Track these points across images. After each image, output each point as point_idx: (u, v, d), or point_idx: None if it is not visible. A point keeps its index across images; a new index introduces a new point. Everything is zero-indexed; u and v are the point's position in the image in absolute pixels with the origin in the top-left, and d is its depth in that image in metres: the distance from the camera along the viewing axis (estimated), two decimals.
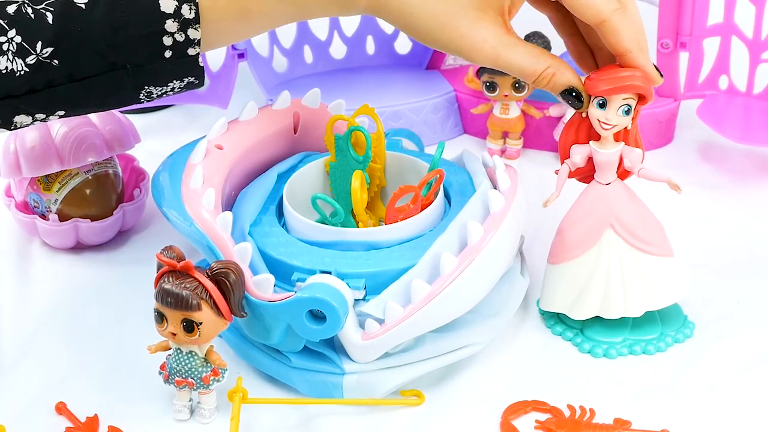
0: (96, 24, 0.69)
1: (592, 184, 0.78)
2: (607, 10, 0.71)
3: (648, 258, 0.78)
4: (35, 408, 0.75)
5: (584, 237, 0.78)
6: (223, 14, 0.71)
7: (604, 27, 0.72)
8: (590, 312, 0.79)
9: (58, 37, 0.69)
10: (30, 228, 0.91)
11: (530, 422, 0.73)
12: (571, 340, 0.80)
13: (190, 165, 0.79)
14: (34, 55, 0.69)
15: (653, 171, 0.77)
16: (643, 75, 0.73)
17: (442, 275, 0.73)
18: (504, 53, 0.72)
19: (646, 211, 0.78)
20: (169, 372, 0.73)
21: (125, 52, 0.70)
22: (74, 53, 0.69)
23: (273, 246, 0.77)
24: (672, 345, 0.79)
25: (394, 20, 0.72)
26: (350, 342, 0.73)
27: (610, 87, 0.73)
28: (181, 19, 0.70)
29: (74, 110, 0.73)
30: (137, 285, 0.85)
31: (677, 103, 1.03)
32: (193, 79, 0.73)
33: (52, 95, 0.71)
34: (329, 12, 0.73)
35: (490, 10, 0.72)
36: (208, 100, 1.04)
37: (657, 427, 0.72)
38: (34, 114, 0.71)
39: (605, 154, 0.76)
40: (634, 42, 0.72)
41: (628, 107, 0.74)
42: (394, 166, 0.85)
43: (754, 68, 1.01)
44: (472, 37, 0.72)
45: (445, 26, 0.71)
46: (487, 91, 0.99)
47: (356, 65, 1.11)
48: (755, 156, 1.01)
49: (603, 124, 0.75)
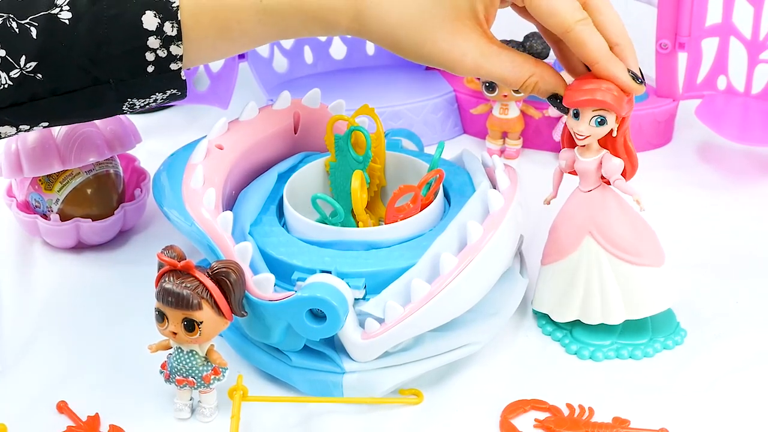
0: (79, 40, 0.70)
1: (575, 190, 0.78)
2: (569, 21, 0.71)
3: (630, 267, 0.77)
4: (37, 407, 0.76)
5: (566, 241, 0.78)
6: (205, 32, 0.72)
7: (568, 37, 0.72)
8: (571, 315, 0.79)
9: (42, 51, 0.70)
10: (31, 228, 0.91)
11: (529, 421, 0.73)
12: (560, 340, 0.80)
13: (191, 165, 0.79)
14: (18, 69, 0.70)
15: (626, 184, 0.76)
16: (610, 87, 0.72)
17: (442, 275, 0.73)
18: (485, 64, 0.73)
19: (635, 219, 0.78)
20: (170, 371, 0.74)
21: (108, 68, 0.71)
22: (58, 68, 0.70)
23: (273, 245, 0.77)
24: (660, 351, 0.79)
25: (376, 40, 0.73)
26: (350, 341, 0.73)
27: (578, 99, 0.73)
28: (163, 36, 0.71)
29: (58, 122, 0.74)
30: (138, 284, 0.85)
31: (676, 104, 1.03)
32: (175, 91, 0.74)
33: (36, 108, 0.71)
34: (312, 33, 0.74)
35: (468, 21, 0.72)
36: (209, 101, 1.04)
37: (656, 425, 0.72)
38: (18, 125, 0.72)
39: (584, 162, 0.76)
40: (601, 52, 0.72)
41: (601, 118, 0.73)
42: (394, 165, 0.85)
43: (753, 68, 1.01)
44: (452, 52, 0.72)
45: (425, 43, 0.72)
46: (487, 92, 1.00)
47: (356, 65, 1.11)
48: (754, 156, 1.02)
49: (576, 135, 0.75)
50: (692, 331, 0.81)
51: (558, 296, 0.79)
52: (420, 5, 0.71)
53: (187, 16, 0.71)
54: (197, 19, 0.71)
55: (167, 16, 0.70)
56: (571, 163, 0.78)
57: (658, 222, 0.80)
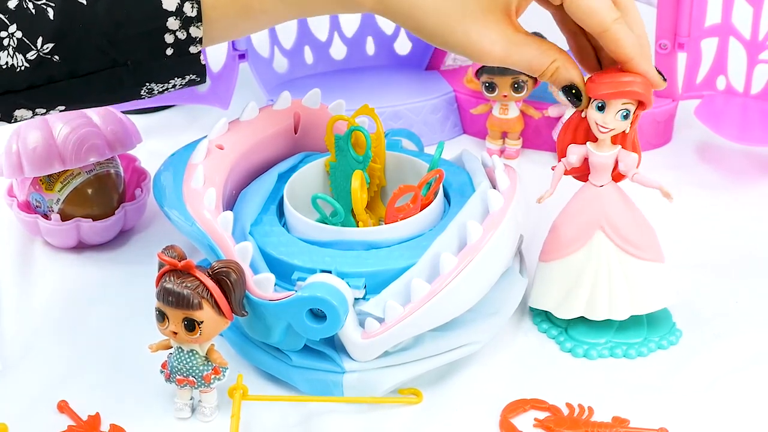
0: (97, 20, 0.68)
1: (587, 185, 0.78)
2: (608, 20, 0.71)
3: (637, 262, 0.78)
4: (37, 406, 0.76)
5: (575, 237, 0.78)
6: (225, 12, 0.71)
7: (606, 36, 0.72)
8: (576, 312, 0.79)
9: (59, 33, 0.68)
10: (32, 228, 0.91)
11: (529, 420, 0.74)
12: (555, 338, 0.80)
13: (192, 165, 0.79)
14: (34, 50, 0.68)
15: (647, 177, 0.77)
16: (645, 81, 0.73)
17: (442, 274, 0.73)
18: (513, 53, 0.72)
19: (639, 215, 0.78)
20: (171, 370, 0.74)
21: (126, 49, 0.70)
22: (75, 49, 0.69)
23: (273, 245, 0.77)
24: (655, 351, 0.79)
25: (403, 22, 0.72)
26: (350, 341, 0.73)
27: (611, 91, 0.73)
28: (183, 17, 0.70)
29: (74, 105, 0.73)
30: (139, 284, 0.85)
31: (675, 104, 1.03)
32: (194, 76, 0.73)
33: (53, 91, 0.70)
34: (334, 10, 0.73)
35: (499, 13, 0.72)
36: (209, 101, 1.04)
37: (655, 425, 0.72)
38: (34, 108, 0.71)
39: (601, 157, 0.77)
40: (636, 49, 0.72)
41: (627, 112, 0.74)
42: (394, 165, 0.85)
43: (752, 69, 1.01)
44: (481, 41, 0.72)
45: (455, 30, 0.71)
46: (487, 92, 1.00)
47: (356, 66, 1.11)
48: (753, 156, 1.02)
49: (600, 127, 0.75)
50: (692, 330, 0.81)
51: (562, 293, 0.79)
52: None
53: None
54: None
55: None
56: (581, 158, 0.78)
57: (657, 222, 0.80)
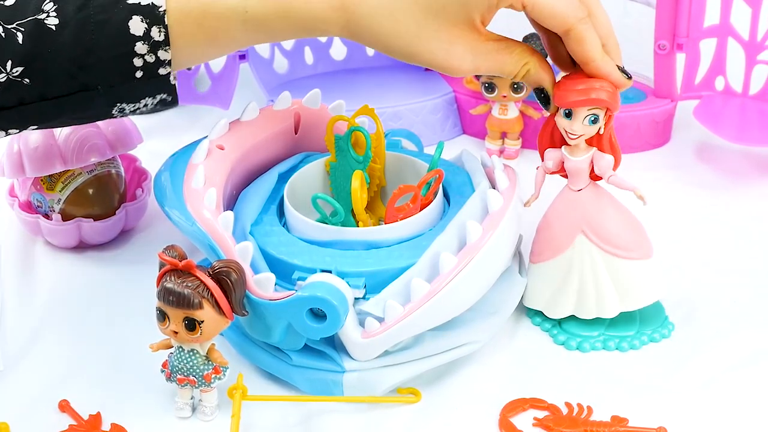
0: (66, 46, 0.69)
1: (565, 189, 0.78)
2: (571, 20, 0.71)
3: (622, 262, 0.78)
4: (38, 406, 0.76)
5: (557, 240, 0.78)
6: (193, 38, 0.71)
7: (569, 36, 0.72)
8: (566, 311, 0.79)
9: (29, 56, 0.69)
10: (33, 227, 0.91)
11: (528, 420, 0.74)
12: (548, 331, 0.81)
13: (192, 165, 0.80)
14: (4, 73, 0.69)
15: (623, 179, 0.76)
16: (609, 85, 0.73)
17: (442, 274, 0.73)
18: (482, 64, 0.73)
19: (623, 213, 0.78)
20: (171, 370, 0.74)
21: (96, 74, 0.70)
22: (44, 73, 0.70)
23: (274, 245, 0.77)
24: (647, 344, 0.80)
25: (372, 45, 0.73)
26: (350, 340, 0.73)
27: (575, 99, 0.73)
28: (150, 42, 0.70)
29: (46, 125, 0.73)
30: (139, 284, 0.85)
31: (674, 104, 1.03)
32: (165, 96, 0.73)
33: (24, 112, 0.71)
34: (301, 36, 0.74)
35: (463, 27, 0.72)
36: (210, 101, 1.04)
37: (654, 424, 0.72)
38: (7, 129, 0.72)
39: (576, 162, 0.77)
40: (597, 51, 0.72)
41: (595, 117, 0.74)
42: (394, 166, 0.86)
43: (750, 69, 1.01)
44: (448, 58, 0.72)
45: (420, 51, 0.72)
46: (486, 92, 1.00)
47: (356, 66, 1.12)
48: (752, 156, 1.02)
49: (569, 134, 0.75)
50: (691, 330, 0.81)
51: (551, 293, 0.79)
52: (414, 16, 0.71)
53: (173, 22, 0.70)
54: (183, 26, 0.71)
55: (154, 20, 0.70)
56: (558, 163, 0.78)
57: (656, 222, 0.80)
